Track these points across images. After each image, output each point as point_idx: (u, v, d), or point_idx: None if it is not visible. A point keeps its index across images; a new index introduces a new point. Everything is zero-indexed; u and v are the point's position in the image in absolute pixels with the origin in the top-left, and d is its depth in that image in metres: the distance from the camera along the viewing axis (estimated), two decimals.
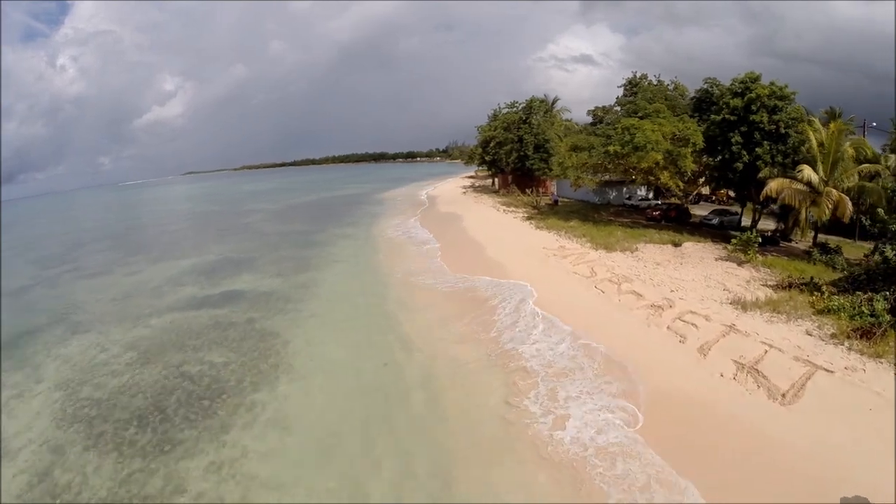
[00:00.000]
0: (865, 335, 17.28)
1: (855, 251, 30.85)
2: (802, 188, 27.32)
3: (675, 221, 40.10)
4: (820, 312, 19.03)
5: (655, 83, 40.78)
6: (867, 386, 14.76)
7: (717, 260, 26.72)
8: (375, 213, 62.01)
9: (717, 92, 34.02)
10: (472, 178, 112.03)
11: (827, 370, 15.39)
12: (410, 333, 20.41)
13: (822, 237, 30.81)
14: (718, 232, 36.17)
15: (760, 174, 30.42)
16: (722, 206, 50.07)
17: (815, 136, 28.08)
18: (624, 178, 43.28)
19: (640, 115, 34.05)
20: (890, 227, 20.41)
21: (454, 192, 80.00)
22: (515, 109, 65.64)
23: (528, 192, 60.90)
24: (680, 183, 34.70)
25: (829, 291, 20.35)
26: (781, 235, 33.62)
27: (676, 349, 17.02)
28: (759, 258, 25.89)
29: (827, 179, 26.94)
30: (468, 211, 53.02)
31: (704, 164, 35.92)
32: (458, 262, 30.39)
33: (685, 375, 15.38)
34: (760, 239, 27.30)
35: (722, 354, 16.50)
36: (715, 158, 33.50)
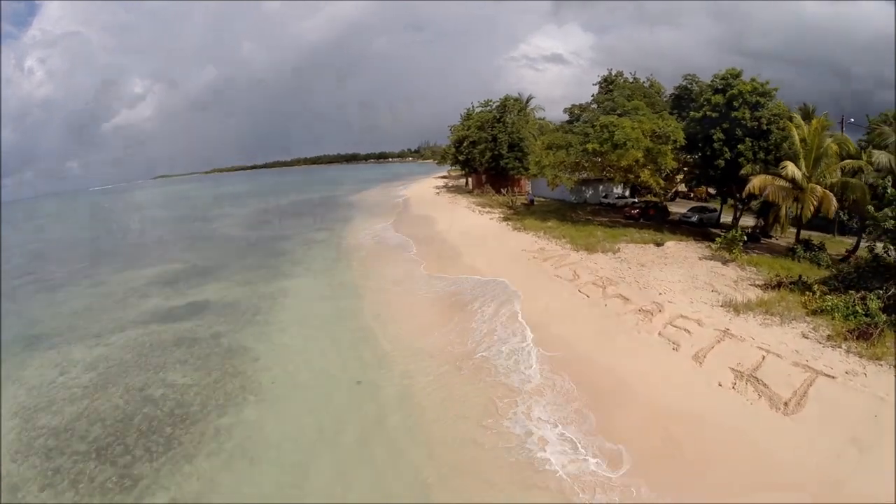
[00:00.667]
0: (862, 336, 16.67)
1: (835, 246, 30.73)
2: (785, 185, 26.97)
3: (653, 219, 39.46)
4: (813, 313, 18.40)
5: (631, 80, 40.01)
6: (870, 391, 14.10)
7: (701, 259, 26.02)
8: (347, 216, 60.19)
9: (696, 88, 33.58)
10: (444, 178, 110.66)
11: (828, 375, 14.68)
12: (386, 347, 19.12)
13: (802, 233, 30.33)
14: (698, 230, 35.78)
15: (743, 171, 30.04)
16: (700, 203, 49.87)
17: (797, 132, 27.77)
18: (601, 176, 42.41)
19: (618, 112, 33.27)
20: (883, 224, 19.86)
21: (427, 192, 78.50)
22: (489, 108, 64.73)
23: (503, 191, 60.07)
24: (660, 181, 34.06)
25: (820, 291, 19.69)
26: (761, 232, 33.26)
27: (670, 358, 16.08)
28: (744, 257, 25.28)
29: (810, 176, 26.54)
30: (443, 213, 51.77)
31: (684, 161, 35.47)
32: (434, 268, 29.13)
33: (682, 388, 14.43)
34: (746, 237, 26.78)
35: (718, 362, 15.64)
36: (696, 155, 32.96)
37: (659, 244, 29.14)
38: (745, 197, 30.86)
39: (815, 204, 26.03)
